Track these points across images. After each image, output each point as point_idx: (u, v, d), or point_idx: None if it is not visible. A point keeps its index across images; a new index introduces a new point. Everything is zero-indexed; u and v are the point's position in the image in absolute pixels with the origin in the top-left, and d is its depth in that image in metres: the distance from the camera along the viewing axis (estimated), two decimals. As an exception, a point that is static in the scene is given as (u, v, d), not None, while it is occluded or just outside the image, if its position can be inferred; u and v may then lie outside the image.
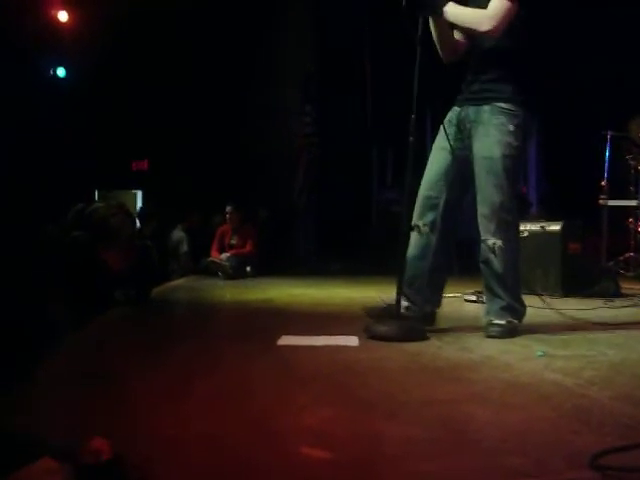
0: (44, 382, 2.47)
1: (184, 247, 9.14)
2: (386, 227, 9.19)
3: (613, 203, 7.26)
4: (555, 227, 5.76)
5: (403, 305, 3.71)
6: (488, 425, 1.96)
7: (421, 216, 3.72)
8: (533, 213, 8.54)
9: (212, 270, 8.56)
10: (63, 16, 9.79)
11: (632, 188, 7.25)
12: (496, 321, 3.57)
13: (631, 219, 7.25)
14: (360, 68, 10.21)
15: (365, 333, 3.45)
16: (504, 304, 3.61)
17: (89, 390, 2.35)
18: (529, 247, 5.47)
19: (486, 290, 3.73)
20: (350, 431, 1.91)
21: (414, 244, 3.74)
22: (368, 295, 5.59)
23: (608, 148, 7.32)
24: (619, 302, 5.12)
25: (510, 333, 3.52)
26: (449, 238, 3.78)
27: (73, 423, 1.85)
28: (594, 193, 7.34)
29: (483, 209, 3.63)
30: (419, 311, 3.75)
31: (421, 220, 3.71)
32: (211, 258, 8.74)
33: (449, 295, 4.54)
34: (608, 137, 7.31)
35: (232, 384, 2.50)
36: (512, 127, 3.58)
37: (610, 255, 6.99)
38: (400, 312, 3.61)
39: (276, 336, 3.43)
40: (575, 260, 5.74)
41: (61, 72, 10.60)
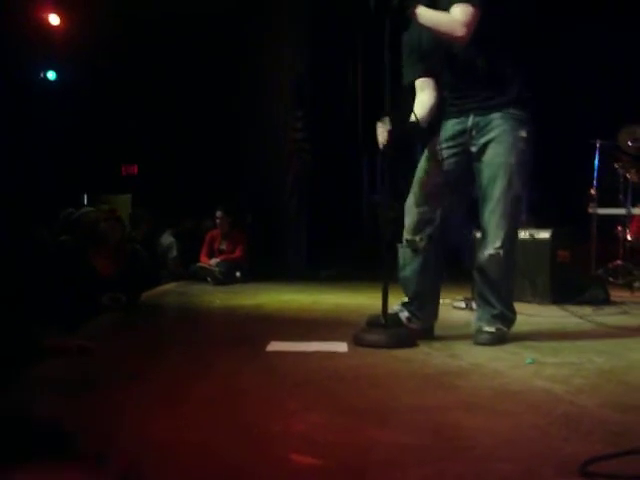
0: (32, 388, 2.47)
1: (173, 252, 9.11)
2: (377, 232, 9.18)
3: (602, 211, 7.29)
4: (544, 235, 5.78)
5: (403, 316, 3.72)
6: (478, 432, 1.96)
7: (417, 231, 3.68)
8: (522, 221, 8.56)
9: (201, 275, 8.53)
10: (54, 19, 9.77)
11: (621, 196, 7.28)
12: (486, 328, 3.57)
13: (620, 227, 7.29)
14: (351, 72, 10.23)
15: (354, 341, 3.44)
16: (496, 312, 3.61)
17: (78, 396, 2.34)
18: (518, 254, 5.47)
19: (478, 297, 3.72)
20: (340, 437, 1.90)
21: (412, 259, 3.71)
22: (357, 302, 5.59)
23: (597, 157, 7.35)
24: (608, 309, 5.14)
25: (499, 340, 3.53)
26: (441, 248, 3.78)
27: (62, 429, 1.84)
28: (583, 201, 7.37)
29: (492, 217, 3.58)
30: (422, 325, 3.75)
31: (418, 235, 3.67)
32: (200, 263, 8.72)
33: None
34: (597, 146, 7.35)
35: (222, 390, 2.50)
36: (524, 133, 3.57)
37: (599, 263, 7.01)
38: (398, 322, 3.62)
39: (265, 342, 3.42)
40: (564, 268, 5.76)
41: (51, 75, 10.58)
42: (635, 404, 2.28)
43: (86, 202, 10.47)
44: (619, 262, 7.03)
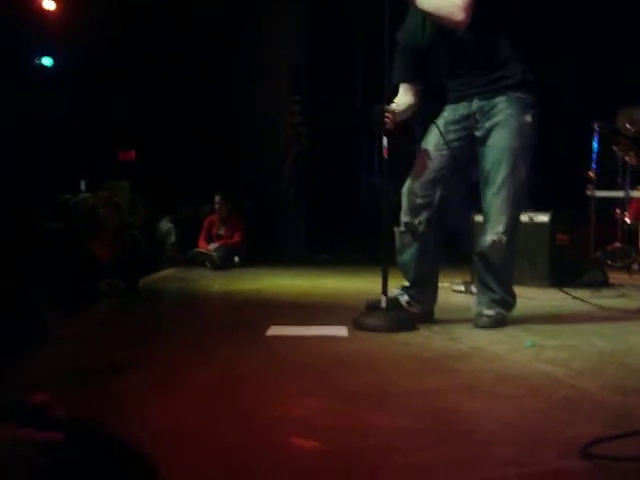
0: (32, 376, 2.46)
1: (172, 238, 9.11)
2: (375, 216, 9.17)
3: (600, 194, 7.28)
4: (543, 218, 5.77)
5: (403, 300, 3.71)
6: (478, 415, 1.96)
7: (415, 214, 3.67)
8: (523, 206, 8.54)
9: (200, 261, 8.53)
10: (50, 4, 9.70)
11: (619, 179, 7.27)
12: (486, 312, 3.57)
13: (618, 210, 7.28)
14: (351, 56, 10.19)
15: (353, 325, 3.44)
16: (496, 297, 3.61)
17: (78, 383, 2.33)
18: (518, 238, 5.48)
19: (479, 282, 3.72)
20: (339, 422, 1.90)
21: (411, 243, 3.70)
22: (356, 286, 5.59)
23: (596, 139, 7.33)
24: (606, 292, 5.14)
25: (499, 324, 3.53)
26: (440, 232, 3.76)
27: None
28: (582, 184, 7.35)
29: (495, 201, 3.56)
30: (422, 309, 3.74)
31: (416, 218, 3.66)
32: (199, 249, 8.71)
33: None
34: (596, 128, 7.33)
35: (221, 375, 2.49)
36: (530, 117, 3.54)
37: (598, 245, 7.01)
38: (398, 305, 3.62)
39: (265, 326, 3.42)
40: (563, 251, 5.75)
41: (47, 61, 10.52)
42: (635, 387, 2.28)
43: (84, 188, 10.43)
44: (618, 245, 7.03)
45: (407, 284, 3.75)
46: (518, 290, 3.81)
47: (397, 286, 3.76)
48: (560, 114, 7.73)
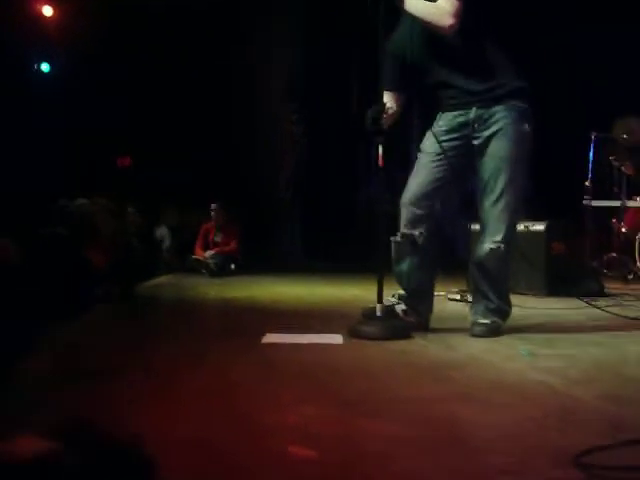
0: (26, 381, 2.45)
1: (167, 244, 9.13)
2: (371, 225, 9.19)
3: (597, 204, 7.29)
4: (539, 227, 5.78)
5: (400, 308, 3.71)
6: (473, 424, 1.96)
7: (415, 226, 3.65)
8: (522, 215, 8.55)
9: (196, 268, 8.53)
10: (47, 11, 9.72)
11: (615, 189, 7.28)
12: (481, 320, 3.57)
13: (615, 219, 7.29)
14: (347, 65, 10.22)
15: (349, 333, 3.43)
16: (492, 306, 3.60)
17: (72, 389, 2.32)
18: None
19: (475, 291, 3.71)
20: (335, 430, 1.90)
21: (410, 254, 3.68)
22: (352, 293, 5.59)
23: (592, 149, 7.35)
24: (602, 301, 5.14)
25: (494, 333, 3.52)
26: (436, 241, 3.76)
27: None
28: (578, 194, 7.37)
29: (493, 210, 3.56)
30: (419, 318, 3.73)
31: (417, 230, 3.65)
32: (195, 256, 8.72)
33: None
34: (592, 138, 7.34)
35: (217, 382, 2.49)
36: (527, 126, 3.56)
37: (594, 255, 7.02)
38: (394, 313, 3.62)
39: (260, 334, 3.41)
40: (559, 260, 5.76)
41: (45, 67, 10.53)
42: (630, 396, 2.28)
43: (81, 194, 10.40)
44: (614, 254, 7.04)
45: (403, 293, 3.74)
46: (514, 299, 3.81)
47: (392, 294, 3.76)
48: (557, 124, 7.76)
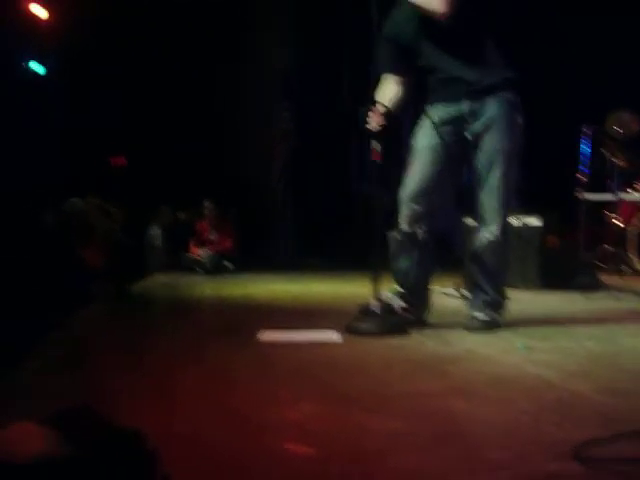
0: (21, 379, 2.45)
1: (159, 242, 9.13)
2: (366, 221, 9.18)
3: (591, 197, 7.29)
4: (534, 221, 5.79)
5: (397, 305, 3.70)
6: (470, 418, 1.96)
7: (416, 223, 3.64)
8: (512, 206, 8.56)
9: (191, 266, 8.53)
10: (41, 11, 9.68)
11: (609, 182, 7.28)
12: (478, 315, 3.57)
13: (609, 212, 7.30)
14: (339, 60, 10.21)
15: (346, 330, 3.43)
16: (488, 299, 3.60)
17: (68, 387, 2.32)
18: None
19: (471, 284, 3.71)
20: (333, 426, 1.90)
21: (409, 250, 3.67)
22: (348, 290, 5.59)
23: (586, 142, 7.35)
24: (597, 295, 5.15)
25: (491, 327, 3.52)
26: (433, 236, 3.75)
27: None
28: (572, 187, 7.36)
29: (489, 203, 3.57)
30: (417, 314, 3.73)
31: (417, 227, 3.64)
32: (190, 254, 8.72)
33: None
34: (585, 131, 7.34)
35: (213, 379, 2.49)
36: (519, 119, 3.59)
37: (588, 248, 7.02)
38: (391, 309, 3.62)
39: (257, 331, 3.41)
40: (553, 253, 5.77)
41: (37, 68, 10.49)
42: (627, 389, 2.29)
43: (75, 194, 10.39)
44: (608, 247, 7.05)
45: (400, 289, 3.72)
46: (509, 293, 3.81)
47: (389, 289, 3.75)
48: (550, 117, 7.77)
